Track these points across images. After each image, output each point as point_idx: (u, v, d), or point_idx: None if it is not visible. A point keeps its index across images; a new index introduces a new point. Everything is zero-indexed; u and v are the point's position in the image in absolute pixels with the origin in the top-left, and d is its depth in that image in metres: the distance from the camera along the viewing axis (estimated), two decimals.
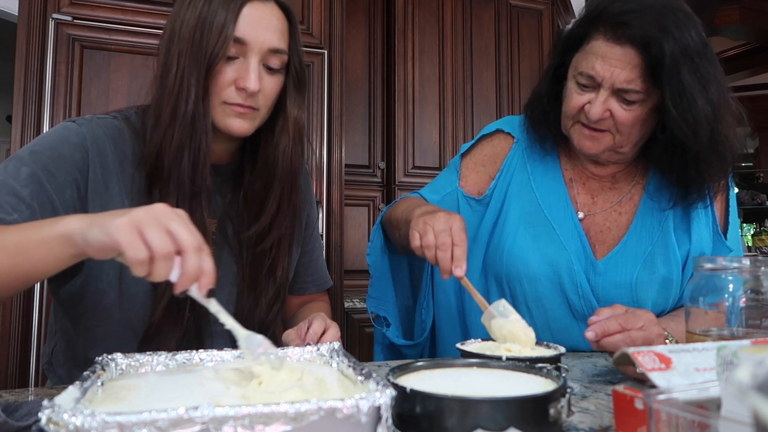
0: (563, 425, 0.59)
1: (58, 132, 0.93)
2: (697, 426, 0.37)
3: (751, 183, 7.18)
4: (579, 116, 1.11)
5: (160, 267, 0.62)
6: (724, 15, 4.45)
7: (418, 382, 0.64)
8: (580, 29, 1.12)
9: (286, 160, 1.03)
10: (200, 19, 0.90)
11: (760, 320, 0.83)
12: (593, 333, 0.91)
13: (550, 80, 1.19)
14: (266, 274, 1.05)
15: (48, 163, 0.88)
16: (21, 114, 1.93)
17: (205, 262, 0.65)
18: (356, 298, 2.64)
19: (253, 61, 0.93)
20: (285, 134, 1.02)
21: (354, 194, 2.86)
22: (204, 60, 0.89)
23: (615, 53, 1.03)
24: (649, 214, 1.17)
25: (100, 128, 0.95)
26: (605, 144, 1.10)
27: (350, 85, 2.85)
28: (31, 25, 1.95)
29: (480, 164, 1.29)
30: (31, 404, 0.62)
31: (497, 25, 3.11)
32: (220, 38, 0.89)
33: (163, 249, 0.62)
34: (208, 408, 0.44)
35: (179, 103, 0.90)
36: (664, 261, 1.13)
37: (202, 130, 0.92)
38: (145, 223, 0.62)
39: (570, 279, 1.14)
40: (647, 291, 1.13)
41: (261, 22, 0.93)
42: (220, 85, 0.93)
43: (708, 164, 1.07)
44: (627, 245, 1.15)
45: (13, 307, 1.88)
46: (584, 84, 1.08)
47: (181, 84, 0.90)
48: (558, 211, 1.19)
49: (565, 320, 1.16)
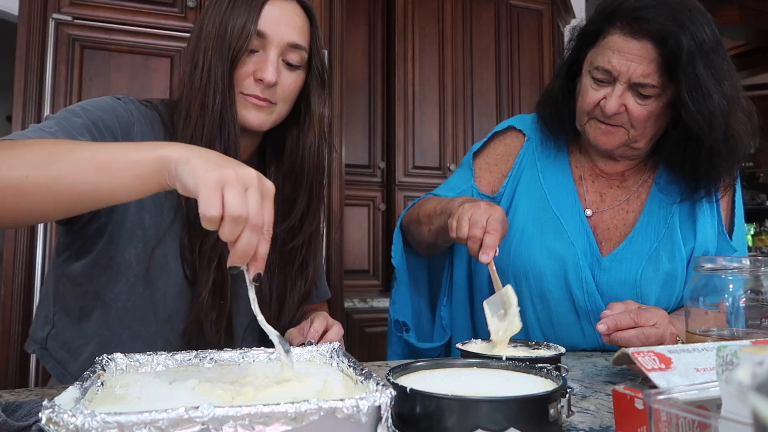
0: (563, 425, 0.59)
1: (106, 101, 0.96)
2: (697, 426, 0.37)
3: (751, 183, 7.18)
4: (594, 112, 1.11)
5: (226, 227, 0.62)
6: (724, 15, 4.44)
7: (418, 382, 0.64)
8: (594, 26, 1.13)
9: (313, 157, 1.05)
10: (224, 17, 0.95)
11: (760, 320, 0.83)
12: (605, 326, 0.91)
13: (564, 77, 1.20)
14: (297, 271, 1.07)
15: (98, 120, 0.90)
16: (21, 114, 1.92)
17: (263, 245, 0.64)
18: (356, 298, 2.64)
19: (272, 54, 0.97)
20: (311, 132, 1.05)
21: (354, 194, 2.86)
22: (228, 54, 0.94)
23: (632, 48, 1.04)
24: (656, 211, 1.18)
25: (141, 110, 0.99)
26: (620, 139, 1.11)
27: (350, 85, 2.85)
28: (31, 25, 1.95)
29: (493, 164, 1.30)
30: (31, 404, 0.62)
31: (497, 25, 3.11)
32: (243, 33, 0.94)
33: (235, 211, 0.61)
34: (208, 408, 0.44)
35: (207, 97, 0.94)
36: (669, 257, 1.13)
37: (231, 121, 0.95)
38: (231, 183, 0.62)
39: (575, 274, 1.14)
40: (651, 287, 1.13)
41: (282, 18, 0.98)
42: (240, 77, 0.97)
43: (720, 158, 1.08)
44: (633, 242, 1.16)
45: (14, 307, 1.88)
46: (600, 79, 1.08)
47: (209, 78, 0.94)
48: (566, 208, 1.20)
49: (568, 317, 1.16)
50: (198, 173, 0.63)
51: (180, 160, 0.66)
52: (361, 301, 2.64)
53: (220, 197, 0.61)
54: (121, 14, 2.06)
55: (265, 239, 0.65)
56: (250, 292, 0.66)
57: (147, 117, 1.00)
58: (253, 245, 0.63)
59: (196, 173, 0.64)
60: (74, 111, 0.90)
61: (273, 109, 1.00)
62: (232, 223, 0.61)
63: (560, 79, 1.21)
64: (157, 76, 2.08)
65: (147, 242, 0.95)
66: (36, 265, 1.90)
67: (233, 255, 0.63)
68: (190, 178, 0.64)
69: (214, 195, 0.61)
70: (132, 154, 0.69)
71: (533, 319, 1.18)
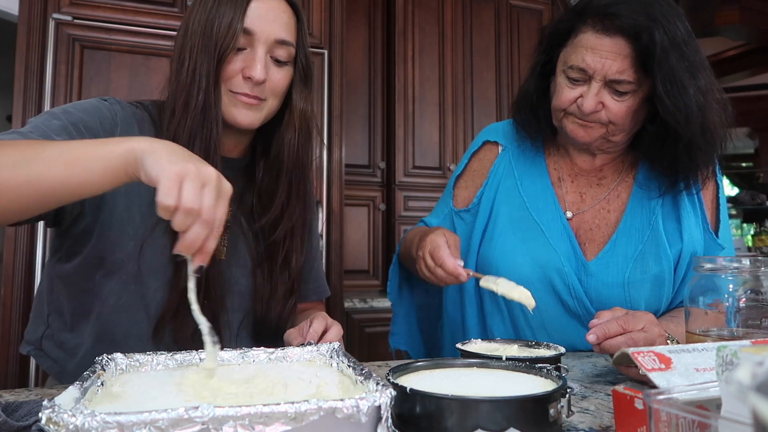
0: (563, 425, 0.59)
1: (91, 103, 0.97)
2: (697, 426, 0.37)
3: (751, 183, 7.18)
4: (570, 109, 1.11)
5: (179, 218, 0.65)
6: (724, 15, 4.44)
7: (418, 382, 0.64)
8: (565, 24, 1.12)
9: (292, 151, 1.05)
10: (210, 15, 0.95)
11: (760, 320, 0.83)
12: (594, 336, 0.91)
13: (537, 77, 1.19)
14: (281, 266, 1.07)
15: (78, 122, 0.91)
16: (21, 114, 1.92)
17: (211, 240, 0.67)
18: (356, 298, 2.64)
19: (260, 51, 0.97)
20: (291, 126, 1.05)
21: (354, 194, 2.86)
22: (215, 52, 0.94)
23: (605, 44, 1.04)
24: (638, 212, 1.17)
25: (128, 111, 1.00)
26: (598, 132, 1.10)
27: (350, 85, 2.85)
28: (31, 25, 1.95)
29: (470, 180, 1.32)
30: (31, 404, 0.62)
31: (497, 25, 3.11)
32: (230, 30, 0.94)
33: (189, 204, 0.64)
34: (208, 408, 0.44)
35: (191, 94, 0.94)
36: (656, 259, 1.13)
37: (213, 120, 0.95)
38: (191, 177, 0.65)
39: (561, 280, 1.14)
40: (639, 290, 1.13)
41: (268, 14, 0.98)
42: (228, 75, 0.97)
43: (698, 151, 1.07)
44: (617, 244, 1.15)
45: (14, 306, 1.88)
46: (575, 78, 1.08)
47: (194, 76, 0.95)
48: (546, 213, 1.19)
49: (560, 320, 1.16)
50: (162, 164, 0.67)
51: (146, 150, 0.69)
52: (361, 301, 2.64)
53: (178, 189, 0.64)
54: (121, 14, 2.06)
55: (214, 236, 0.67)
56: (189, 281, 0.68)
57: (135, 117, 1.00)
58: (200, 238, 0.66)
59: (160, 163, 0.67)
60: (55, 114, 0.91)
61: (263, 106, 1.00)
62: (184, 214, 0.64)
63: (534, 79, 1.20)
64: (157, 76, 2.08)
65: (137, 240, 0.95)
66: (36, 265, 1.90)
67: (180, 244, 0.66)
68: (154, 167, 0.67)
69: (173, 186, 0.64)
70: (100, 147, 0.73)
71: (524, 326, 1.17)
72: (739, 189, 6.83)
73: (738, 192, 6.69)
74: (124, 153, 0.71)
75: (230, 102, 0.98)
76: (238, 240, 1.06)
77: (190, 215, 0.65)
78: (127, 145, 0.71)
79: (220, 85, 0.96)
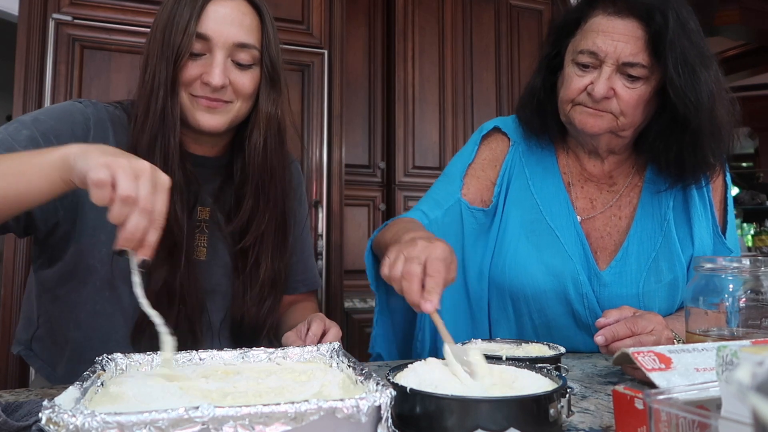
0: (563, 425, 0.59)
1: (64, 107, 0.97)
2: (697, 426, 0.37)
3: (751, 183, 7.18)
4: (580, 98, 1.07)
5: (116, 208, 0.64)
6: (724, 15, 4.44)
7: (417, 377, 0.64)
8: (575, 14, 1.11)
9: (257, 155, 1.03)
10: (168, 19, 0.94)
11: (760, 320, 0.83)
12: (603, 338, 0.90)
13: (545, 72, 1.16)
14: (250, 271, 1.06)
15: (48, 131, 0.91)
16: (21, 114, 1.92)
17: (152, 233, 0.66)
18: (356, 298, 2.64)
19: (218, 56, 0.95)
20: (256, 130, 1.03)
21: (354, 194, 2.86)
22: (171, 57, 0.93)
23: (617, 27, 1.02)
24: (649, 219, 1.15)
25: (104, 113, 0.99)
26: (608, 123, 1.06)
27: (350, 85, 2.85)
28: (31, 25, 1.95)
29: (480, 169, 1.22)
30: (31, 404, 0.62)
31: (497, 25, 3.11)
32: (185, 36, 0.92)
33: (124, 191, 0.63)
34: (208, 408, 0.44)
35: (151, 101, 0.94)
36: (670, 267, 1.11)
37: (171, 126, 0.94)
38: (123, 169, 0.65)
39: (575, 290, 1.11)
40: (654, 299, 1.10)
41: (226, 18, 0.95)
42: (186, 80, 0.95)
43: (705, 142, 1.05)
44: (629, 252, 1.12)
45: (14, 306, 1.88)
46: (585, 63, 1.05)
47: (153, 82, 0.94)
48: (560, 218, 1.15)
49: (568, 329, 1.14)
50: (89, 160, 0.67)
51: (78, 154, 0.70)
52: (361, 301, 2.64)
53: (109, 175, 0.64)
54: (121, 14, 2.06)
55: (155, 228, 0.66)
56: (133, 276, 0.67)
57: (111, 118, 0.99)
58: (140, 228, 0.65)
59: (88, 161, 0.67)
60: (25, 123, 0.91)
61: (230, 108, 0.98)
62: (121, 203, 0.64)
63: (541, 75, 1.16)
64: None
65: (110, 246, 0.94)
66: None
67: (120, 237, 0.65)
68: (84, 166, 0.67)
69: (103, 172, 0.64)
70: (38, 157, 0.73)
71: (530, 332, 1.16)
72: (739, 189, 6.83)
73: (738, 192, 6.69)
74: (59, 159, 0.71)
75: (192, 106, 0.97)
76: (218, 241, 1.05)
77: (127, 203, 0.64)
78: (61, 152, 0.72)
79: (178, 92, 0.95)
